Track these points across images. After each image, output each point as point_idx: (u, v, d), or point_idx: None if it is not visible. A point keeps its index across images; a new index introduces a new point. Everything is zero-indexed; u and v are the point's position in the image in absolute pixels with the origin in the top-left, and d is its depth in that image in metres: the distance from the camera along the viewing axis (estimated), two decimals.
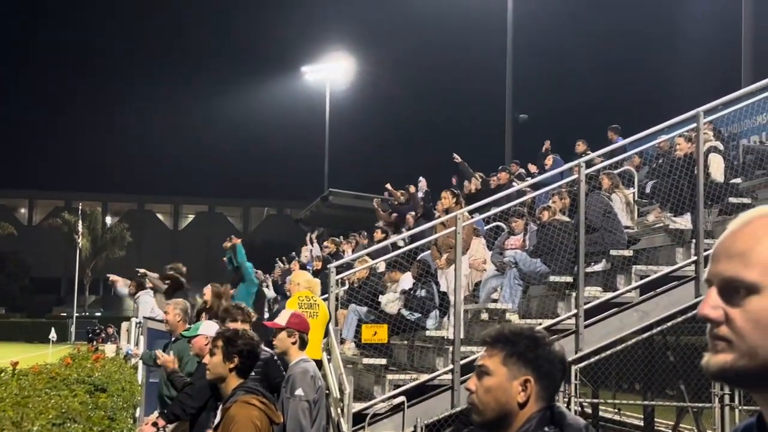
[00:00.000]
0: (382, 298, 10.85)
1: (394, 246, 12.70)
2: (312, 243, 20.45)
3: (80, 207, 68.98)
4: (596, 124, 17.40)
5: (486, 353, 2.32)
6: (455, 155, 17.09)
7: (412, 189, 17.14)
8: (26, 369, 6.24)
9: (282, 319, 5.65)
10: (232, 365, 4.37)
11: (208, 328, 6.27)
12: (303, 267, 16.34)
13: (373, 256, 11.86)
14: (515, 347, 2.27)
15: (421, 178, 17.41)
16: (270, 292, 17.95)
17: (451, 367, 8.90)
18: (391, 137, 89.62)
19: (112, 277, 13.28)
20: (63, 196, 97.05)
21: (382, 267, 12.34)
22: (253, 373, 4.50)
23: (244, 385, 4.36)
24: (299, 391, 5.26)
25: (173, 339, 7.53)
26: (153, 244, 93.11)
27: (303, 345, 5.53)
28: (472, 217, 11.32)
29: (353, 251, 16.90)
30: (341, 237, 19.16)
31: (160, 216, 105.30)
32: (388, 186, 18.36)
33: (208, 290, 8.33)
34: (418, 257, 11.04)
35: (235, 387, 4.35)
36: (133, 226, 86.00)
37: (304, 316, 5.80)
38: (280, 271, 20.33)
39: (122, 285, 12.85)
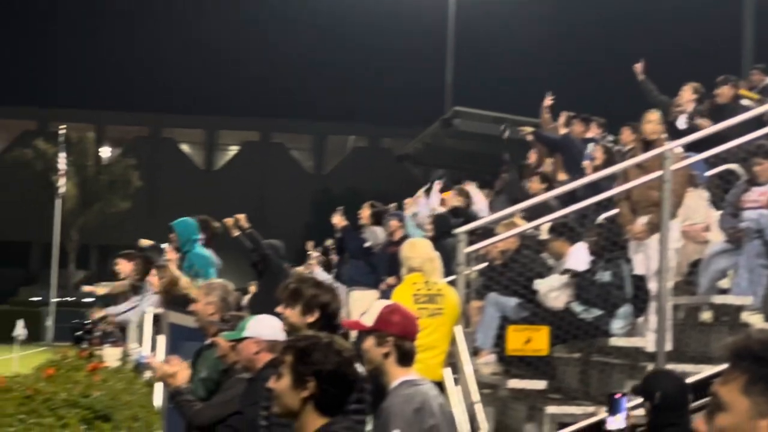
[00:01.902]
0: (540, 284, 10.85)
1: (563, 201, 12.62)
2: (429, 193, 20.61)
3: (62, 131, 70.61)
4: None
5: (721, 378, 2.32)
6: (638, 67, 16.91)
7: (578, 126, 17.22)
8: None
9: (369, 317, 5.67)
10: (306, 394, 4.37)
11: (263, 326, 6.36)
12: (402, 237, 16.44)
13: (527, 216, 11.85)
14: (764, 368, 2.26)
15: None
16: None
17: None
18: (534, 46, 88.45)
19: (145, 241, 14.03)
20: (36, 114, 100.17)
21: (542, 234, 12.32)
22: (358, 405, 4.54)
23: (330, 426, 4.33)
24: None
25: (209, 342, 7.76)
26: (174, 190, 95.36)
27: (404, 358, 5.53)
28: (686, 157, 11.06)
29: (491, 208, 16.86)
30: (472, 184, 19.19)
31: (185, 147, 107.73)
32: (549, 102, 18.36)
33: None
34: (599, 218, 11.00)
35: (317, 430, 4.35)
36: (144, 162, 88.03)
37: (407, 312, 5.79)
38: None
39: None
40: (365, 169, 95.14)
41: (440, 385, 8.90)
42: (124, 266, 15.38)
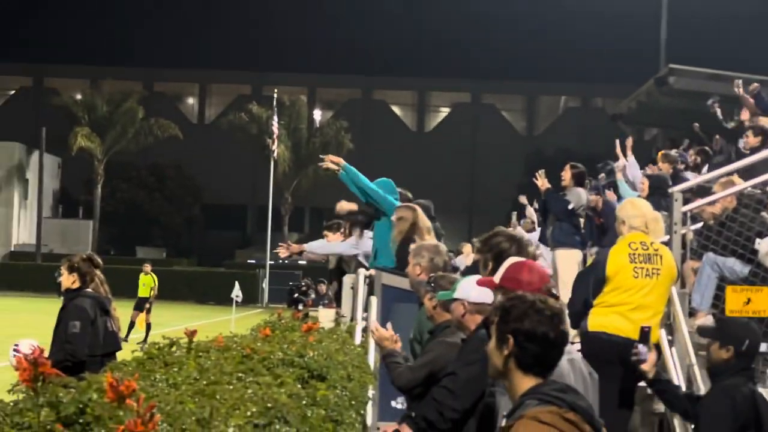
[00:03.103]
0: (761, 244, 10.58)
1: None
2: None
3: (275, 94, 71.93)
4: None
5: None
6: None
7: None
8: (206, 342, 6.75)
9: (498, 274, 5.61)
10: (506, 352, 4.33)
11: (471, 288, 6.35)
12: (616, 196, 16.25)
13: (744, 175, 11.57)
14: None
15: None
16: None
17: None
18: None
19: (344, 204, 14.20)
20: (249, 78, 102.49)
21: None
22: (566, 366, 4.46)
23: (539, 389, 4.29)
24: None
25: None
26: (386, 152, 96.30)
27: None
28: None
29: (706, 167, 16.54)
30: (687, 143, 18.86)
31: (396, 109, 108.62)
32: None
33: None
34: None
35: (524, 392, 4.34)
36: (356, 124, 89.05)
37: (536, 268, 5.60)
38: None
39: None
40: (578, 130, 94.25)
41: (657, 347, 8.80)
42: (332, 238, 15.55)
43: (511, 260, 5.76)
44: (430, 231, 10.74)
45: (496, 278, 5.60)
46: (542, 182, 14.96)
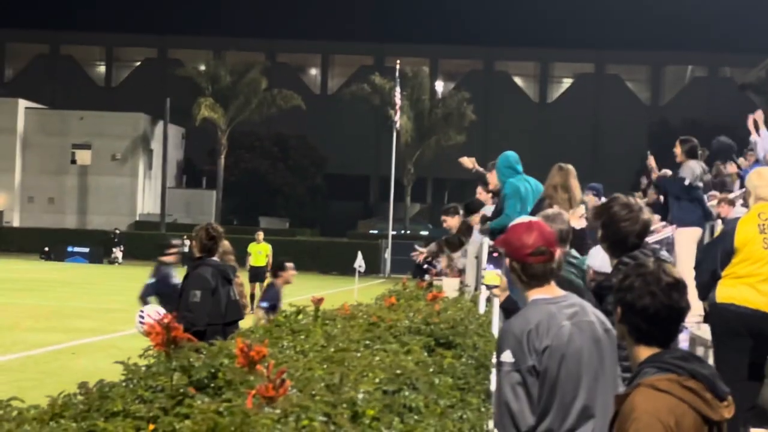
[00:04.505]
0: None
1: None
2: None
3: (398, 66, 72.05)
4: None
5: None
6: None
7: None
8: (332, 310, 6.82)
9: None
10: (618, 321, 4.31)
11: (596, 257, 6.34)
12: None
13: None
14: None
15: None
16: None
17: None
18: None
19: (465, 160, 14.22)
20: (372, 49, 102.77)
21: None
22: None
23: (658, 357, 4.25)
24: (505, 355, 5.01)
25: None
26: (508, 123, 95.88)
27: (530, 278, 5.20)
28: None
29: None
30: None
31: (518, 80, 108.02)
32: None
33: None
34: None
35: (642, 361, 4.31)
36: (478, 95, 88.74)
37: (523, 229, 5.32)
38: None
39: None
40: (705, 100, 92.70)
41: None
42: (450, 222, 15.55)
43: (515, 221, 5.61)
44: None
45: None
46: (653, 162, 14.81)
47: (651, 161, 15.18)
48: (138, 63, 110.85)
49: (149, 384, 3.85)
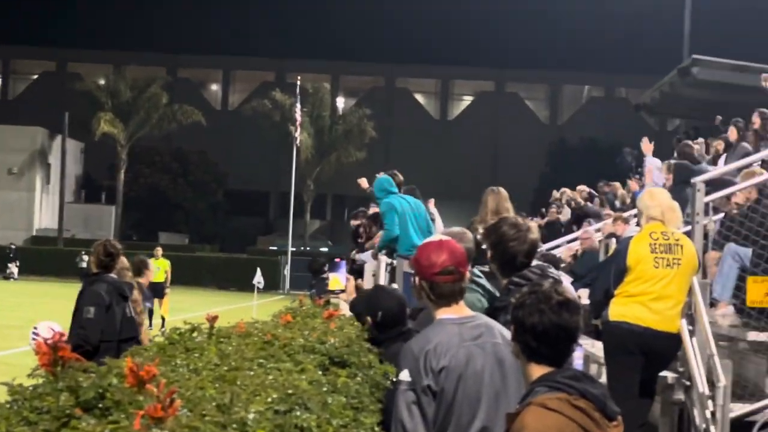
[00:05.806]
0: None
1: None
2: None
3: (298, 82, 72.06)
4: None
5: None
6: None
7: None
8: (227, 328, 6.77)
9: None
10: (512, 338, 4.42)
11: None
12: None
13: (765, 166, 11.57)
14: None
15: None
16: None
17: None
18: None
19: (363, 182, 14.28)
20: (273, 65, 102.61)
21: None
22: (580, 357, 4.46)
23: (550, 376, 4.28)
24: (403, 374, 5.18)
25: None
26: (408, 141, 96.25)
27: (438, 297, 5.30)
28: None
29: (724, 158, 16.58)
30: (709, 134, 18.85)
31: (419, 97, 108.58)
32: None
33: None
34: None
35: (535, 380, 4.32)
36: (379, 112, 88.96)
37: (431, 248, 5.42)
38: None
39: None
40: (602, 119, 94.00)
41: (677, 337, 8.80)
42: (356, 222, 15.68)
43: (426, 240, 5.73)
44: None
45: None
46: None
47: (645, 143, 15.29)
48: (36, 76, 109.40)
49: (35, 405, 3.78)
